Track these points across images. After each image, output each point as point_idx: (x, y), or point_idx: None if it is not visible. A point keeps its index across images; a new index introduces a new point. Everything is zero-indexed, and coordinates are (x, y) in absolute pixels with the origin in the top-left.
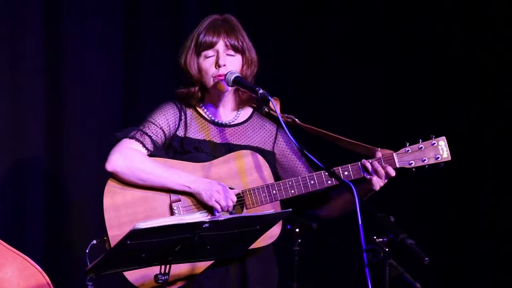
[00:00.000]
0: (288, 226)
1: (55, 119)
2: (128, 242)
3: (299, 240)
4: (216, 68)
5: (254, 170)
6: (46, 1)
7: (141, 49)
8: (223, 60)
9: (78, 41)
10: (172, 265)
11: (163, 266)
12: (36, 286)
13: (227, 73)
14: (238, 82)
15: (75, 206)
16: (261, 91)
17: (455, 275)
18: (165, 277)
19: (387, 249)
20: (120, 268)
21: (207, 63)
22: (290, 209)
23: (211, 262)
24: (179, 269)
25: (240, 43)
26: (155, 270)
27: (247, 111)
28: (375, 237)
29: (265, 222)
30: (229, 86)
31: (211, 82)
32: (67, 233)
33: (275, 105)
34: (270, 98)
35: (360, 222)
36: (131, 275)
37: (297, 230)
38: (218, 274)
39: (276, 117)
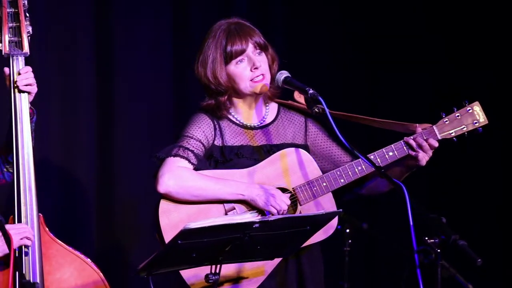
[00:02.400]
0: (339, 227)
1: (106, 119)
2: (179, 241)
3: (350, 241)
4: (252, 71)
5: (301, 166)
6: (96, 2)
7: (191, 48)
8: (258, 61)
9: (128, 41)
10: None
11: (213, 266)
12: (93, 286)
13: (276, 74)
14: (288, 82)
15: (126, 207)
16: (311, 91)
17: (508, 276)
18: (216, 277)
19: (439, 250)
20: (171, 267)
21: (240, 68)
22: (341, 210)
23: (277, 263)
24: (244, 272)
25: (263, 40)
26: (207, 270)
27: (274, 108)
28: (426, 238)
29: (315, 222)
30: (279, 86)
31: (247, 86)
32: (119, 233)
33: (325, 105)
34: (320, 98)
35: (411, 223)
36: (185, 273)
37: (348, 230)
38: (278, 274)
39: (302, 108)
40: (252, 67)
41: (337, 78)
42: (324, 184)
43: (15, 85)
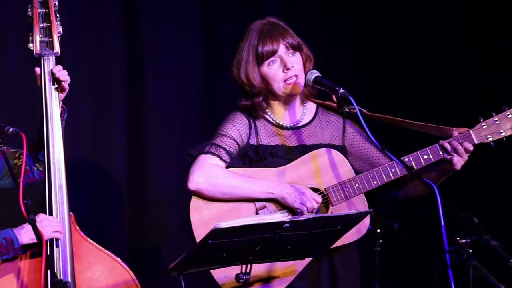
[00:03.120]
0: (370, 227)
1: (137, 118)
2: (210, 241)
3: (381, 241)
4: (284, 72)
5: (334, 167)
6: (126, 3)
7: (220, 48)
8: (290, 62)
9: (158, 40)
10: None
11: (244, 266)
12: (124, 285)
13: (306, 74)
14: (318, 82)
15: (157, 206)
16: (341, 90)
17: None
18: (246, 276)
19: (470, 251)
20: (201, 267)
21: (273, 69)
22: (372, 210)
23: (307, 263)
24: (274, 272)
25: (296, 41)
26: (238, 269)
27: (312, 108)
28: (458, 239)
29: (346, 222)
30: (309, 86)
31: (281, 87)
32: (149, 232)
33: (356, 105)
34: (351, 98)
35: (442, 223)
36: (216, 273)
37: (378, 230)
38: (310, 274)
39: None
40: (284, 68)
41: (367, 78)
42: (357, 185)
43: (54, 81)
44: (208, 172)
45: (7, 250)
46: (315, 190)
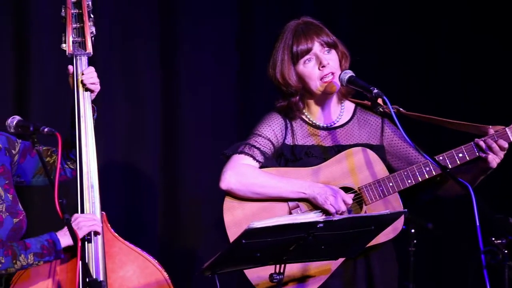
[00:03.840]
0: (404, 227)
1: (171, 120)
2: (243, 241)
3: (415, 241)
4: (320, 69)
5: (367, 166)
6: (161, 4)
7: (255, 49)
8: (325, 59)
9: (192, 41)
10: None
11: (277, 266)
12: (156, 284)
13: (341, 73)
14: (352, 81)
15: (190, 205)
16: (375, 90)
17: None
18: (280, 276)
19: (506, 251)
20: (235, 266)
21: (309, 68)
22: (406, 210)
23: (341, 262)
24: (309, 270)
25: (332, 39)
26: (271, 269)
27: (349, 108)
28: (493, 239)
29: (380, 222)
30: (343, 85)
31: (317, 85)
32: (182, 232)
33: (389, 104)
34: (385, 97)
35: (477, 223)
36: (250, 273)
37: (413, 230)
38: (345, 273)
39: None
40: (320, 66)
41: (401, 78)
42: (391, 184)
43: (81, 83)
44: (240, 172)
45: (49, 252)
46: (348, 189)
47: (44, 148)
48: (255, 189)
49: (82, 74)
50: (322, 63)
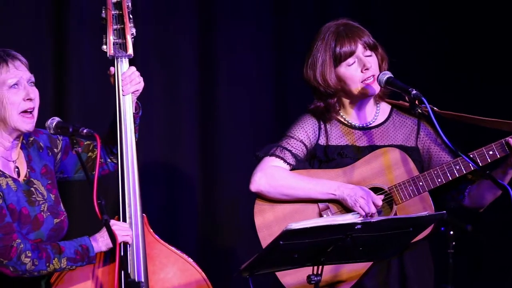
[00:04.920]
0: (442, 228)
1: (208, 120)
2: (281, 242)
3: (454, 243)
4: (363, 72)
5: (398, 165)
6: (200, 4)
7: (292, 50)
8: (369, 62)
9: (230, 41)
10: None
11: (315, 267)
12: (196, 286)
13: (379, 75)
14: (391, 82)
15: (229, 207)
16: (414, 91)
17: None
18: (318, 278)
19: None
20: (273, 268)
21: (351, 70)
22: (444, 211)
23: (372, 262)
24: (341, 270)
25: (372, 41)
26: (306, 272)
27: (385, 109)
28: None
29: (418, 223)
30: (382, 87)
31: (358, 87)
32: (221, 233)
33: (428, 105)
34: (423, 99)
35: None
36: (283, 277)
37: (452, 232)
38: (379, 274)
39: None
40: (362, 68)
41: (439, 79)
42: (421, 183)
43: (123, 85)
44: (269, 174)
45: (82, 257)
46: (378, 189)
47: (86, 142)
48: (284, 191)
49: (123, 76)
50: (365, 66)
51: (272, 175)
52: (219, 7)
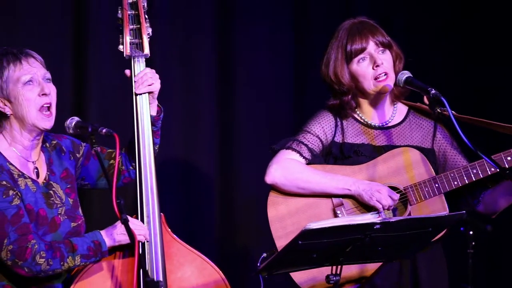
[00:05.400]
0: (462, 229)
1: (227, 119)
2: (299, 242)
3: (473, 243)
4: (374, 69)
5: (414, 166)
6: (217, 3)
7: (310, 48)
8: (380, 59)
9: (248, 40)
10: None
11: (333, 267)
12: (214, 285)
13: (398, 74)
14: (410, 82)
15: (247, 206)
16: (433, 91)
17: None
18: (337, 277)
19: None
20: (291, 267)
21: (363, 67)
22: (464, 212)
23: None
24: (351, 268)
25: (386, 39)
26: (320, 273)
27: (402, 110)
28: None
29: (438, 223)
30: (400, 86)
31: (371, 85)
32: (239, 232)
33: (447, 105)
34: (443, 98)
35: None
36: (298, 277)
37: (471, 232)
38: (392, 275)
39: (431, 113)
40: (374, 65)
41: (457, 80)
42: (437, 185)
43: (138, 85)
44: (285, 167)
45: (95, 253)
46: (393, 188)
47: (108, 150)
48: (300, 184)
49: (138, 75)
50: (376, 63)
51: (287, 167)
52: (237, 6)
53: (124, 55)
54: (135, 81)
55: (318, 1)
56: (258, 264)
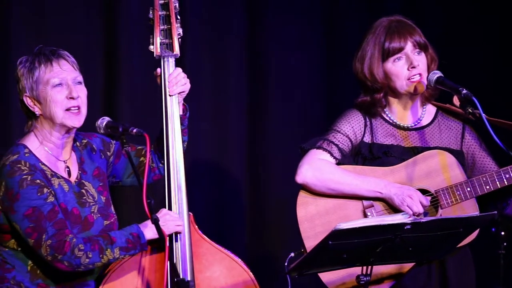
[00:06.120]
0: (493, 229)
1: (257, 118)
2: (330, 242)
3: (505, 244)
4: (409, 69)
5: (445, 169)
6: (249, 3)
7: (341, 48)
8: (416, 60)
9: (279, 40)
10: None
11: (364, 267)
12: (243, 285)
13: (428, 74)
14: (441, 82)
15: (276, 206)
16: (464, 91)
17: None
18: (367, 278)
19: None
20: (322, 268)
21: (398, 67)
22: (495, 212)
23: (414, 263)
24: (383, 269)
25: (423, 40)
26: (348, 273)
27: (431, 111)
28: None
29: (469, 224)
30: (431, 86)
31: (403, 85)
32: (269, 232)
33: (479, 105)
34: (474, 98)
35: None
36: (326, 277)
37: (503, 233)
38: (422, 276)
39: (461, 114)
40: (409, 66)
41: (491, 80)
42: (468, 189)
43: (167, 88)
44: (316, 167)
45: (134, 245)
46: (424, 191)
47: (138, 147)
48: (330, 185)
49: (169, 77)
50: (412, 64)
51: (319, 168)
52: (268, 6)
53: (155, 55)
54: (168, 81)
55: (349, 1)
56: (286, 264)
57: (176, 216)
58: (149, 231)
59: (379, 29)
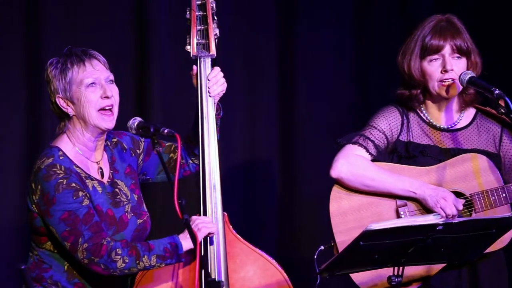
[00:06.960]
0: None
1: (287, 119)
2: (361, 243)
3: None
4: (442, 72)
5: (482, 173)
6: (280, 6)
7: (372, 48)
8: (450, 64)
9: (310, 40)
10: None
11: (395, 268)
12: (277, 285)
13: (461, 74)
14: (473, 82)
15: (308, 206)
16: (497, 91)
17: None
18: (399, 279)
19: None
20: (353, 268)
21: (433, 67)
22: None
23: (444, 264)
24: (411, 270)
25: (466, 45)
26: (378, 274)
27: (470, 113)
28: None
29: (502, 225)
30: (463, 86)
31: (435, 87)
32: (301, 232)
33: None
34: (507, 99)
35: None
36: (357, 277)
37: None
38: (452, 279)
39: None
40: (442, 69)
41: None
42: (504, 195)
43: (203, 88)
44: (352, 162)
45: (171, 255)
46: (459, 194)
47: (167, 144)
48: (365, 181)
49: (208, 79)
50: (445, 67)
51: (354, 163)
52: (299, 7)
53: (191, 55)
54: (209, 81)
55: (380, 1)
56: (315, 257)
57: (208, 219)
58: (187, 242)
59: (427, 24)
